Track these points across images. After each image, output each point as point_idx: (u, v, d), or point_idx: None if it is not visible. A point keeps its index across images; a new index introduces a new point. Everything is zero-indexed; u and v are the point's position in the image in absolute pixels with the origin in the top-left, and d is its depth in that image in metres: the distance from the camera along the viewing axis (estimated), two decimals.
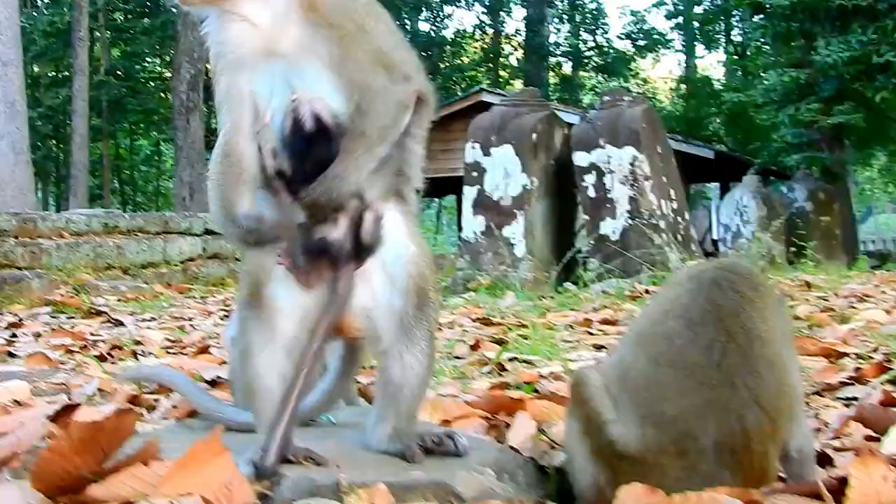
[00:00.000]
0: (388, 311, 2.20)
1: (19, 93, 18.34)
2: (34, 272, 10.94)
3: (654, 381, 1.92)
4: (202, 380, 3.76)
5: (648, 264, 10.28)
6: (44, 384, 3.92)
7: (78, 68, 29.51)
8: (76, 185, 29.45)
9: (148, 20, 40.05)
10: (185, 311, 8.66)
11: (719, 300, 1.93)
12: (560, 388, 3.43)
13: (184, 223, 15.33)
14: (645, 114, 11.20)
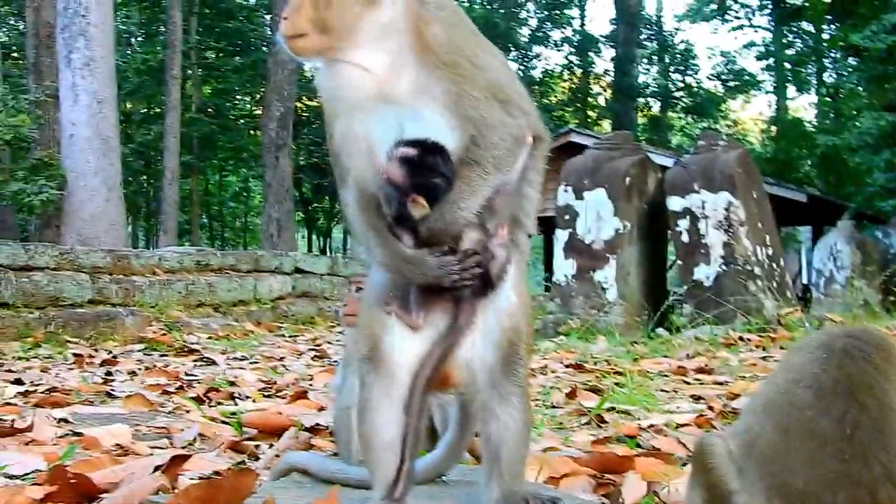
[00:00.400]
0: (480, 364, 2.18)
1: (113, 129, 18.63)
2: (127, 309, 11.08)
3: (783, 451, 1.86)
4: (302, 427, 3.76)
5: (743, 311, 10.16)
6: (145, 428, 3.95)
7: (170, 105, 30.00)
8: (166, 221, 29.87)
9: (239, 59, 40.60)
10: (276, 351, 8.71)
11: (851, 370, 1.86)
12: (663, 443, 3.40)
13: (274, 261, 15.46)
14: (740, 158, 11.09)
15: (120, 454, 3.30)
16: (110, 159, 18.33)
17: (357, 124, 2.18)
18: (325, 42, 2.14)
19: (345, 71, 2.16)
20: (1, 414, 4.14)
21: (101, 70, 18.15)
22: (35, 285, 10.59)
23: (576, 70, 49.29)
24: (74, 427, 3.91)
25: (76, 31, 18.02)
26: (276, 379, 6.02)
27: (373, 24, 2.13)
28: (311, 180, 40.33)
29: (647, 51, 47.77)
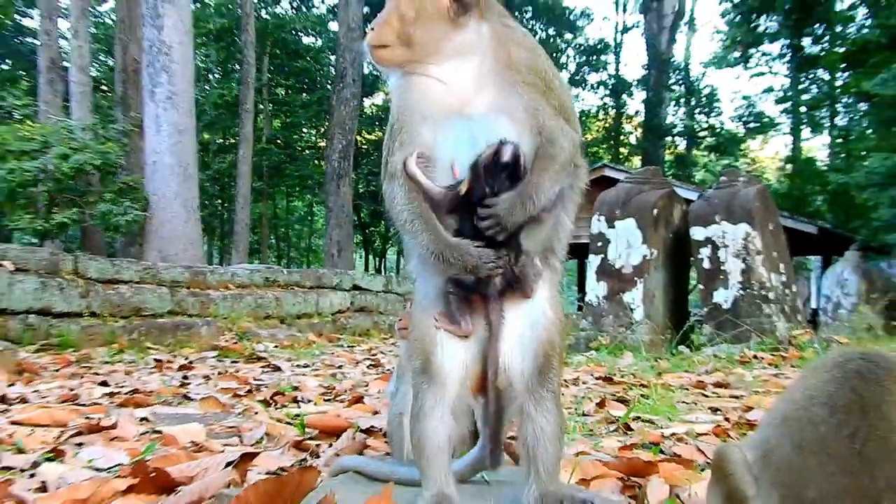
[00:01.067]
0: (518, 371, 2.19)
1: (192, 157, 18.77)
2: (203, 320, 11.16)
3: (797, 464, 1.86)
4: (359, 429, 3.77)
5: (757, 332, 10.13)
6: (217, 427, 3.98)
7: (243, 137, 30.20)
8: (238, 241, 30.05)
9: (306, 95, 40.83)
10: (336, 360, 8.73)
11: (863, 391, 1.87)
12: (684, 450, 3.38)
13: (335, 279, 15.52)
14: (759, 194, 11.05)
15: (195, 451, 3.32)
16: (189, 184, 18.48)
17: (426, 131, 2.18)
18: (407, 55, 2.19)
19: (422, 83, 2.20)
20: (89, 413, 4.18)
21: (181, 103, 18.31)
22: (120, 297, 10.69)
23: (610, 111, 49.21)
24: (154, 425, 3.95)
25: (160, 67, 18.20)
26: (335, 385, 6.03)
27: (457, 43, 2.18)
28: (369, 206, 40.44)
29: (675, 94, 47.60)
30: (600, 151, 45.09)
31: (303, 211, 49.20)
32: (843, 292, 16.38)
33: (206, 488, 2.27)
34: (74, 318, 9.87)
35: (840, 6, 27.07)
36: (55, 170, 17.51)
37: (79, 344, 9.19)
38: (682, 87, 47.97)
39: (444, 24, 2.18)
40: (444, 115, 2.17)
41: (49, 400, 4.73)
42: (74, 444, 3.42)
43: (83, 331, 9.69)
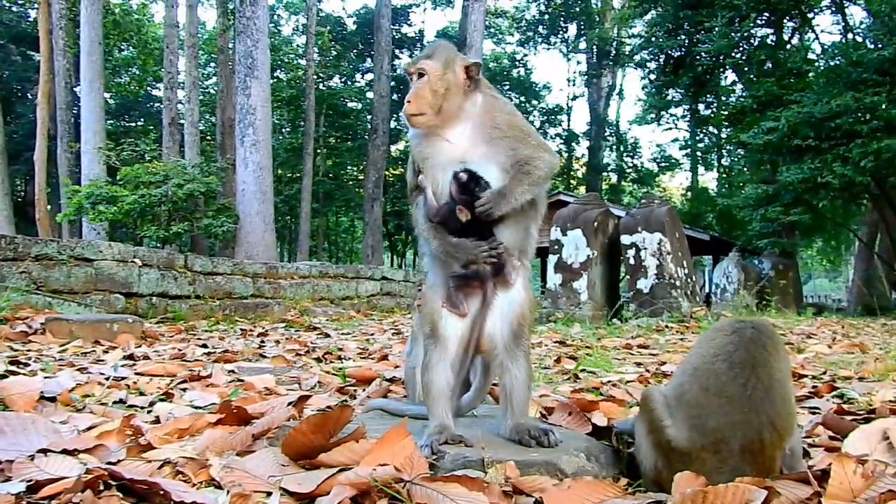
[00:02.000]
0: (499, 336, 2.18)
1: (269, 187, 18.84)
2: (275, 301, 11.12)
3: (703, 402, 1.85)
4: (384, 378, 3.72)
5: (668, 309, 10.12)
6: (284, 377, 3.93)
7: (305, 172, 30.27)
8: (301, 246, 30.07)
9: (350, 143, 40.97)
10: (369, 329, 8.68)
11: (754, 352, 1.86)
12: (617, 393, 3.35)
13: (369, 272, 15.49)
14: (668, 211, 11.04)
15: (267, 394, 3.27)
16: (267, 205, 18.55)
17: (439, 175, 2.18)
18: (435, 121, 2.16)
19: (436, 141, 2.19)
20: (192, 367, 4.13)
21: (262, 148, 18.37)
22: (217, 284, 10.66)
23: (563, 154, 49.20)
24: (239, 376, 3.90)
25: (247, 123, 18.25)
26: (368, 347, 5.98)
27: (464, 111, 2.17)
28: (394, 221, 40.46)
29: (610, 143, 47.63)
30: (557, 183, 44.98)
31: (347, 224, 49.31)
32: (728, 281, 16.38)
33: (272, 421, 2.22)
34: (184, 299, 9.85)
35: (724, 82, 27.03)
36: (173, 195, 17.60)
37: (187, 318, 9.17)
38: (615, 138, 48.00)
39: (460, 97, 2.18)
40: (450, 162, 2.17)
41: (164, 357, 4.67)
42: (180, 389, 3.39)
43: (190, 308, 9.67)
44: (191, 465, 1.90)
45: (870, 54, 17.99)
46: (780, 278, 17.50)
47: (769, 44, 24.70)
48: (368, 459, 1.80)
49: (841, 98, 17.22)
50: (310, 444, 1.86)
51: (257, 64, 18.42)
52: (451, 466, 1.90)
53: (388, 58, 30.89)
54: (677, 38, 25.28)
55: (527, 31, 47.21)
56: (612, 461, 2.12)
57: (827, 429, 2.52)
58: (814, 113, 17.52)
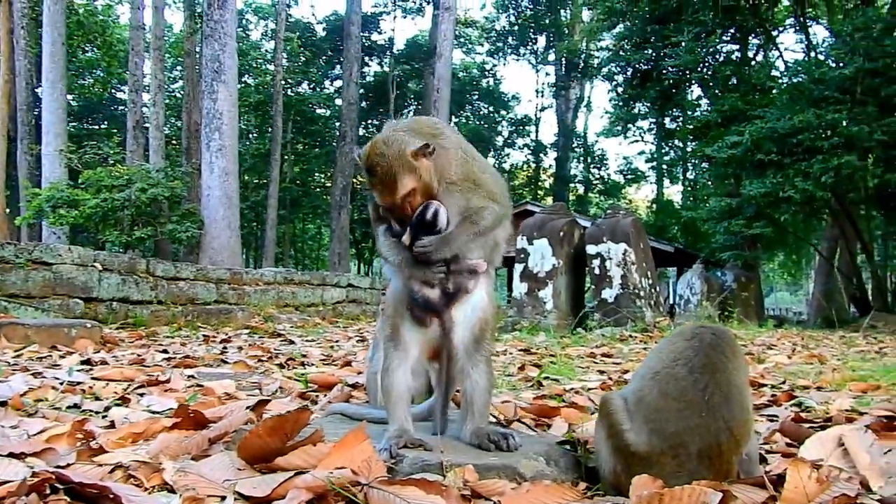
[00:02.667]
0: (461, 342, 2.17)
1: (235, 192, 18.75)
2: (239, 307, 11.02)
3: (663, 406, 1.86)
4: (346, 384, 3.69)
5: (632, 319, 10.18)
6: (244, 382, 3.89)
7: (272, 178, 30.08)
8: (267, 252, 29.87)
9: (318, 149, 40.82)
10: (334, 336, 8.63)
11: (713, 357, 1.88)
12: (579, 399, 3.37)
13: (335, 279, 15.42)
14: (633, 222, 11.13)
15: (226, 399, 3.23)
16: (232, 211, 18.46)
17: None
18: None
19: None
20: (150, 371, 4.07)
21: (228, 153, 18.29)
22: (180, 290, 10.55)
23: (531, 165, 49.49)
24: (199, 381, 3.85)
25: (213, 128, 18.14)
26: (332, 353, 5.95)
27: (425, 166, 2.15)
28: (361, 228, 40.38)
29: (577, 154, 47.97)
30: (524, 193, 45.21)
31: (314, 231, 49.07)
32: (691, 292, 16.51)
33: (230, 425, 2.19)
34: (146, 304, 9.72)
35: (690, 96, 27.40)
36: (136, 199, 17.45)
37: (148, 324, 9.06)
38: (582, 150, 48.35)
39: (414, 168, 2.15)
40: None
41: (122, 363, 4.60)
42: (138, 394, 3.33)
43: (152, 314, 9.55)
44: (143, 469, 1.87)
45: (831, 72, 18.33)
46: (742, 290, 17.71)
47: (734, 60, 25.11)
48: (326, 463, 1.78)
49: (803, 115, 17.51)
50: (266, 447, 1.84)
51: (224, 68, 18.32)
52: (410, 470, 1.88)
53: (357, 65, 30.86)
54: (645, 52, 25.55)
55: (496, 41, 47.49)
56: (571, 465, 2.12)
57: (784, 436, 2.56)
58: (776, 128, 17.79)
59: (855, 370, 4.82)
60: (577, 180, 47.79)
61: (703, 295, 15.91)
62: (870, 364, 5.47)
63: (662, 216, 39.47)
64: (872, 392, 3.81)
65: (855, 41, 18.33)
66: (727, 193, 22.15)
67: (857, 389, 3.90)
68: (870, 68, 17.47)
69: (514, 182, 48.28)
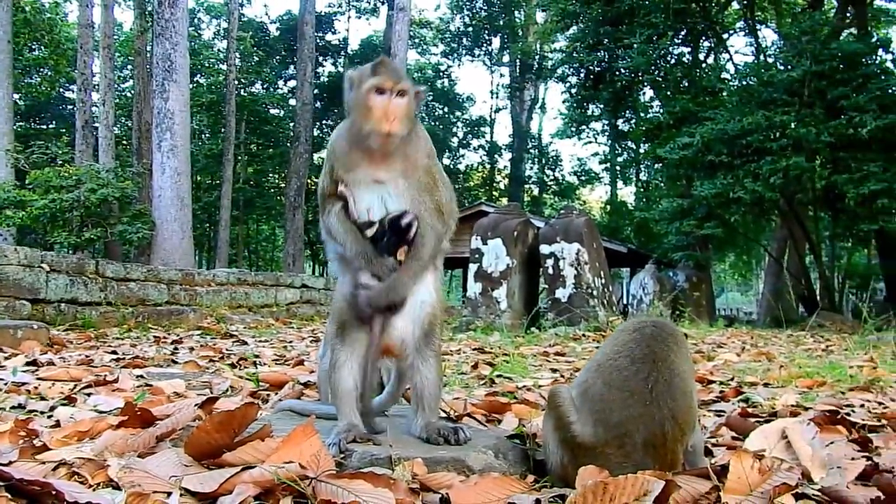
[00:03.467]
0: (410, 337, 2.18)
1: (187, 193, 18.54)
2: (191, 308, 10.89)
3: (607, 397, 1.89)
4: (298, 382, 3.68)
5: (585, 318, 10.26)
6: (195, 382, 3.85)
7: (225, 178, 29.75)
8: (220, 253, 29.54)
9: (272, 150, 40.47)
10: (287, 337, 8.57)
11: (655, 347, 1.92)
12: (531, 397, 3.42)
13: (289, 280, 15.32)
14: (586, 222, 11.24)
15: (176, 398, 3.20)
16: (184, 212, 18.25)
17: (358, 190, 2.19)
18: (397, 144, 2.18)
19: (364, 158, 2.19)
20: (98, 372, 4.02)
21: (180, 154, 18.08)
22: (130, 291, 10.39)
23: (486, 166, 49.66)
24: (148, 381, 3.81)
25: (165, 127, 17.92)
26: (285, 354, 5.91)
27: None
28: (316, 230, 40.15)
29: (531, 155, 48.24)
30: (479, 194, 45.39)
31: (268, 232, 48.64)
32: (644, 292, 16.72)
33: (177, 422, 2.18)
34: (95, 306, 9.56)
35: (642, 98, 27.73)
36: (86, 200, 17.17)
37: (98, 325, 8.91)
38: (536, 151, 48.63)
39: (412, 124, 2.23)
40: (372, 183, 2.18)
41: (70, 363, 4.53)
42: (84, 394, 3.29)
43: (101, 315, 9.39)
44: (88, 466, 1.85)
45: (780, 75, 18.72)
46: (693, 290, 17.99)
47: (685, 62, 25.48)
48: (274, 458, 1.78)
49: (752, 116, 17.84)
50: (214, 443, 1.83)
51: (176, 67, 18.08)
52: (359, 464, 1.89)
53: (311, 65, 30.70)
54: (598, 54, 25.80)
55: (451, 42, 47.58)
56: (520, 458, 2.14)
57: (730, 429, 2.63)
58: (727, 130, 18.10)
59: (801, 367, 4.93)
60: (532, 181, 48.08)
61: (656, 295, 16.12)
62: (816, 361, 5.60)
63: (616, 217, 39.91)
64: (818, 388, 3.92)
65: (802, 44, 18.74)
66: (679, 194, 22.45)
67: (802, 385, 4.01)
68: (817, 71, 17.88)
69: (469, 183, 48.44)
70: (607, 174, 44.70)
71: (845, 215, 19.26)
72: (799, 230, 21.27)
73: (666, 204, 22.07)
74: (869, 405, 3.28)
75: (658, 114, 24.94)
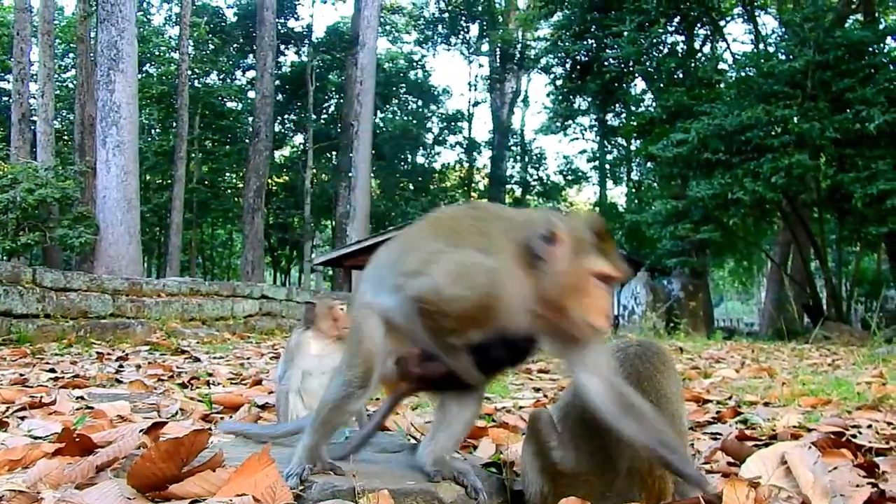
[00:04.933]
0: None
1: (135, 194, 18.48)
2: (138, 321, 10.81)
3: (589, 421, 1.88)
4: (255, 404, 3.66)
5: None
6: (141, 404, 3.82)
7: (177, 178, 29.60)
8: (171, 260, 29.39)
9: (228, 146, 40.33)
10: (245, 353, 8.51)
11: (640, 368, 1.94)
12: (511, 419, 3.40)
13: (247, 290, 15.25)
14: None
15: (119, 422, 3.17)
16: (132, 215, 18.17)
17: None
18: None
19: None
20: (34, 392, 3.97)
21: (127, 150, 18.02)
22: (71, 302, 10.29)
23: (464, 164, 49.75)
24: (89, 403, 3.77)
25: (110, 122, 17.84)
26: (242, 372, 5.87)
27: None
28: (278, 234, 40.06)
29: (513, 153, 48.41)
30: (457, 195, 45.51)
31: (224, 237, 48.41)
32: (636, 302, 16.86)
33: (120, 450, 2.15)
34: (32, 318, 9.45)
35: (634, 91, 27.91)
36: (22, 201, 17.03)
37: (35, 340, 8.79)
38: (519, 148, 48.81)
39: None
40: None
41: (2, 383, 4.47)
42: (18, 417, 3.25)
43: (39, 329, 9.28)
44: (19, 499, 1.83)
45: (781, 65, 18.92)
46: (690, 300, 18.14)
47: (680, 52, 25.69)
48: (225, 490, 1.77)
49: (752, 110, 18.03)
50: (160, 473, 1.82)
51: (123, 56, 18.00)
52: (319, 496, 1.88)
53: (272, 54, 30.68)
54: (585, 43, 26.00)
55: (425, 29, 47.63)
56: (496, 489, 2.14)
57: (726, 454, 2.63)
58: (724, 125, 18.26)
59: (805, 384, 4.97)
60: (514, 181, 48.24)
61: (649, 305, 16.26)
62: (821, 378, 5.64)
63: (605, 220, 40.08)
64: (822, 407, 3.93)
65: (805, 32, 18.94)
66: (673, 195, 22.62)
67: (806, 404, 4.02)
68: (820, 61, 18.09)
69: (446, 183, 48.52)
70: (596, 173, 44.99)
71: (852, 217, 19.45)
72: (803, 234, 21.48)
73: (659, 206, 22.20)
74: (877, 425, 3.29)
75: (650, 108, 25.15)
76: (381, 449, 2.44)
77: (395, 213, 40.93)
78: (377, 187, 43.59)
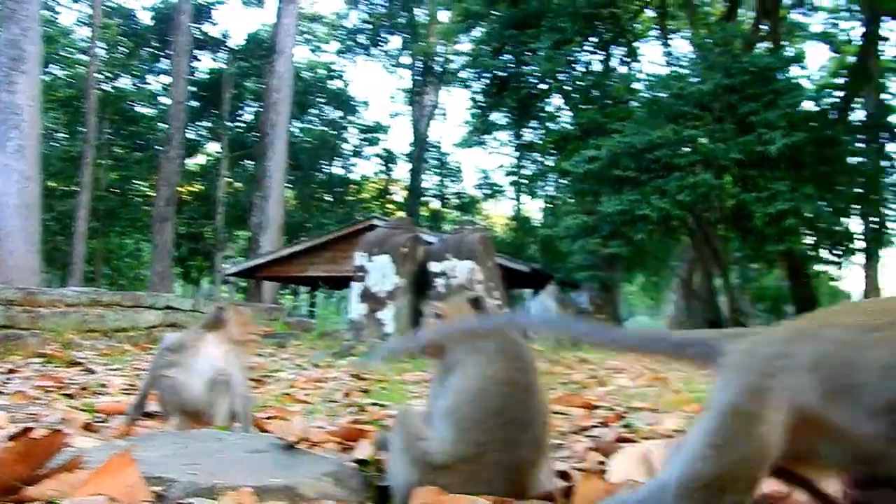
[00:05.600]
0: None
1: (36, 200, 17.97)
2: (31, 332, 10.53)
3: (464, 414, 1.97)
4: None
5: None
6: (20, 414, 3.76)
7: (83, 185, 28.97)
8: (75, 270, 28.71)
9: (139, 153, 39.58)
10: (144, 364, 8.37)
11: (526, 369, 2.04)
12: None
13: (150, 300, 14.98)
14: (481, 239, 11.47)
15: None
16: (31, 222, 17.67)
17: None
18: None
19: None
20: None
21: (28, 155, 17.53)
22: None
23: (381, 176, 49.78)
24: None
25: (11, 125, 17.36)
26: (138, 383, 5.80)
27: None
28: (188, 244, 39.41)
29: (431, 166, 48.64)
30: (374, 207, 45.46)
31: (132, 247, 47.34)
32: None
33: None
34: None
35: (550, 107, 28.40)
36: None
37: None
38: (437, 161, 49.05)
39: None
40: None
41: None
42: None
43: None
44: None
45: (690, 87, 19.53)
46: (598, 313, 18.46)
47: (595, 71, 26.26)
48: (83, 490, 1.77)
49: (661, 130, 18.55)
50: (14, 475, 1.82)
51: (25, 56, 17.55)
52: (181, 495, 1.91)
53: (187, 59, 30.27)
54: (503, 59, 26.33)
55: (346, 39, 47.58)
56: (362, 486, 2.19)
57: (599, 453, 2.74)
58: (634, 143, 18.74)
59: (694, 392, 5.16)
60: (431, 194, 48.45)
61: None
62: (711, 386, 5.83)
63: (520, 234, 40.66)
64: None
65: (715, 56, 19.61)
66: (586, 211, 23.06)
67: (691, 410, 4.20)
68: (728, 84, 18.74)
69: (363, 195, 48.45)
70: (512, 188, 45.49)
71: (754, 235, 20.09)
72: (707, 250, 22.09)
73: (570, 221, 22.61)
74: None
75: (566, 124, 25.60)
76: (253, 450, 2.48)
77: (311, 224, 40.67)
78: (293, 197, 43.26)
